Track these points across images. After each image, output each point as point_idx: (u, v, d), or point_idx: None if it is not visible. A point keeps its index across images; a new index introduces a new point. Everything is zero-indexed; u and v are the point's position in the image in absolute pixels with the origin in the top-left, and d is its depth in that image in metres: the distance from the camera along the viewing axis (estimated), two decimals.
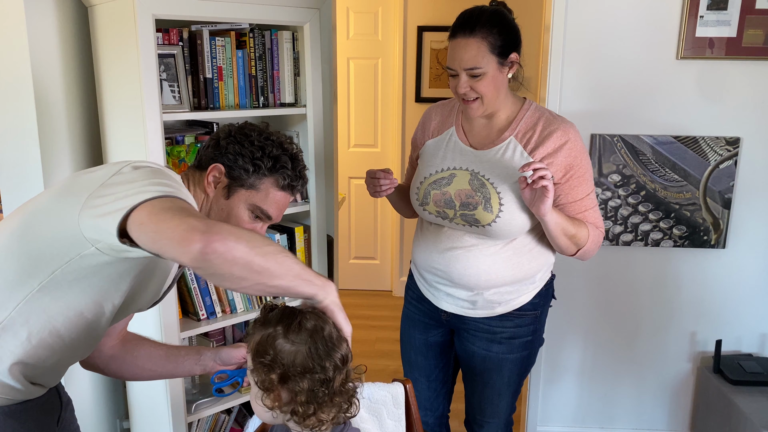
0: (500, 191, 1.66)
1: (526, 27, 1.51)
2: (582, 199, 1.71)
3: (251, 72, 2.08)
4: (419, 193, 1.79)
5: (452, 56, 1.62)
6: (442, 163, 1.76)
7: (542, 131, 1.68)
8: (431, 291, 1.85)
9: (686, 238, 2.50)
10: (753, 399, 2.33)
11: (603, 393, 2.72)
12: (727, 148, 2.41)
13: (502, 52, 1.61)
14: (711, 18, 2.30)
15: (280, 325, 1.08)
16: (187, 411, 2.06)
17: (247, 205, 1.32)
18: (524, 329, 1.80)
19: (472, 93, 1.63)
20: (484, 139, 1.75)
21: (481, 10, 1.62)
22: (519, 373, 1.85)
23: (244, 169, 1.30)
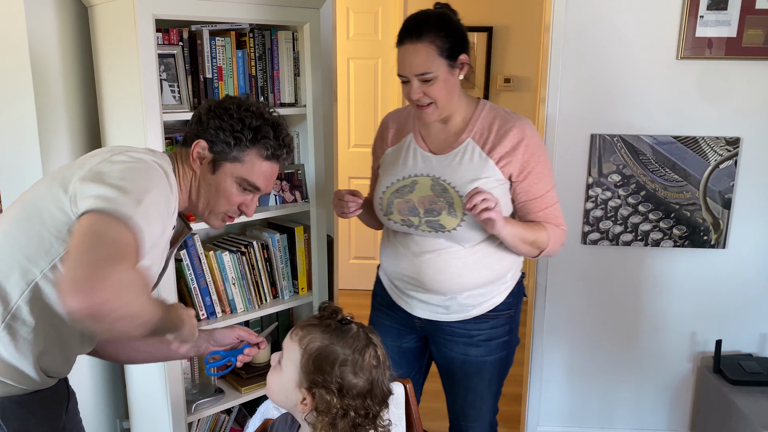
0: (462, 194, 1.65)
1: (526, 27, 1.50)
2: (541, 197, 1.71)
3: (251, 72, 2.07)
4: (382, 202, 1.77)
5: (402, 63, 1.61)
6: (403, 170, 1.75)
7: (498, 130, 1.68)
8: (403, 298, 1.83)
9: (686, 238, 2.50)
10: (753, 399, 2.33)
11: (603, 393, 2.72)
12: (727, 148, 2.41)
13: (450, 54, 1.60)
14: (711, 18, 2.30)
15: (349, 349, 1.11)
16: (187, 411, 2.06)
17: (234, 179, 1.33)
18: (500, 330, 1.79)
19: (425, 98, 1.63)
20: (442, 144, 1.74)
21: (427, 15, 1.62)
22: (499, 374, 1.84)
23: (226, 143, 1.31)
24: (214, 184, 1.33)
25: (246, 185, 1.34)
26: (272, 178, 1.39)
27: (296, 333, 1.15)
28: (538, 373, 2.71)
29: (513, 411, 2.97)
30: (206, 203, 1.36)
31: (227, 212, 1.38)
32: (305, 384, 1.12)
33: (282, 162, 1.39)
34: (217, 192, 1.34)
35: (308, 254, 2.31)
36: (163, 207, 1.20)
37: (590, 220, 2.52)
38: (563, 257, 2.57)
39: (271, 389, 1.19)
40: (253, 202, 1.39)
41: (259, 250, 2.21)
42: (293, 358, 1.13)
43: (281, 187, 2.23)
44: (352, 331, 1.14)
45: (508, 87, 4.10)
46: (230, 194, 1.34)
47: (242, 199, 1.37)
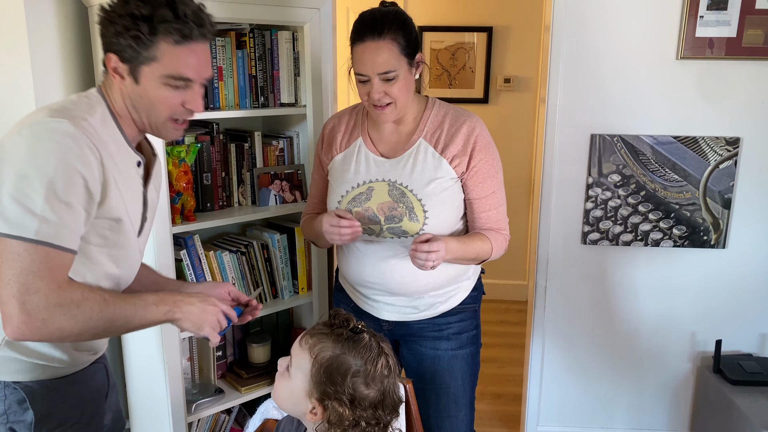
0: (421, 198, 1.63)
1: (526, 27, 1.47)
2: (486, 197, 1.68)
3: (251, 72, 2.08)
4: None
5: (362, 61, 1.56)
6: (356, 177, 1.69)
7: (449, 128, 1.66)
8: (369, 303, 1.78)
9: (686, 238, 2.50)
10: (753, 399, 2.33)
11: (603, 393, 2.72)
12: (727, 148, 2.41)
13: (409, 52, 1.58)
14: (711, 18, 2.30)
15: (361, 359, 1.09)
16: (187, 411, 2.06)
17: (160, 80, 1.22)
18: (468, 323, 1.79)
19: (386, 98, 1.58)
20: (393, 146, 1.70)
21: (385, 12, 1.58)
22: (471, 374, 1.81)
23: (130, 47, 1.19)
24: (143, 93, 1.23)
25: (174, 81, 1.22)
26: (201, 61, 1.25)
27: (306, 341, 1.12)
28: (538, 373, 2.71)
29: (513, 411, 2.97)
30: (147, 116, 1.26)
31: (172, 116, 1.27)
32: (315, 394, 1.10)
33: (202, 37, 1.23)
34: (151, 101, 1.23)
35: (308, 254, 2.31)
36: (77, 170, 1.13)
37: (590, 220, 2.52)
38: (563, 257, 2.58)
39: (279, 396, 1.17)
40: (194, 97, 1.26)
41: (259, 250, 2.21)
42: (303, 366, 1.11)
43: (281, 187, 2.23)
44: (364, 340, 1.11)
45: (508, 87, 4.10)
46: (165, 98, 1.23)
47: (181, 98, 1.25)
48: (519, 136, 4.13)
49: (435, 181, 1.63)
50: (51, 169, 1.11)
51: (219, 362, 2.27)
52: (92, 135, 1.17)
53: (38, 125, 1.14)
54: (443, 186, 1.64)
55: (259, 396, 2.25)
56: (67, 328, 1.12)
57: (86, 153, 1.15)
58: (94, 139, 1.17)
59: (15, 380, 1.24)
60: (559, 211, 2.53)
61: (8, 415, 1.24)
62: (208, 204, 2.10)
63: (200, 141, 2.06)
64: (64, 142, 1.13)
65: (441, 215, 1.65)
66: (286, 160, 2.27)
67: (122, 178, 1.25)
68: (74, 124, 1.15)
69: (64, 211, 1.12)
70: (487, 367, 2.00)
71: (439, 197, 1.63)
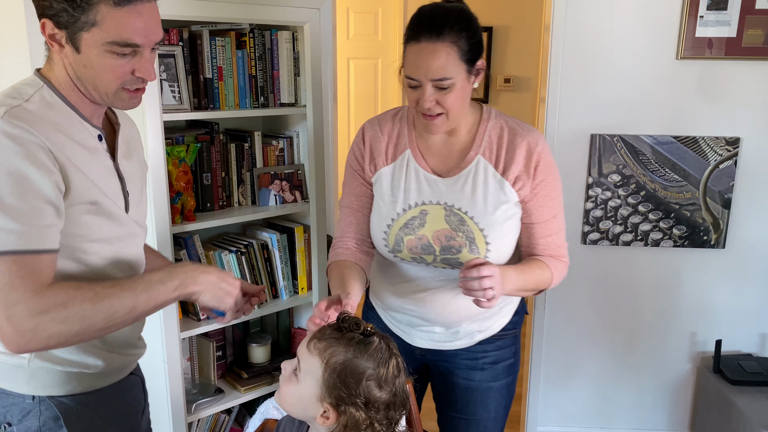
0: (483, 227, 1.45)
1: (525, 27, 1.42)
2: (547, 221, 1.51)
3: (251, 72, 2.08)
4: (388, 239, 1.51)
5: (415, 64, 1.35)
6: (407, 197, 1.49)
7: (509, 144, 1.47)
8: (402, 328, 1.63)
9: (686, 238, 2.50)
10: (753, 399, 2.33)
11: (603, 393, 2.72)
12: (727, 148, 2.41)
13: (470, 58, 1.38)
14: (711, 18, 2.30)
15: (373, 362, 1.09)
16: (187, 411, 2.06)
17: (103, 48, 1.07)
18: (506, 351, 1.63)
19: (437, 107, 1.39)
20: (446, 162, 1.50)
21: (447, 10, 1.38)
22: (505, 406, 1.67)
23: (65, 12, 1.05)
24: (87, 63, 1.09)
25: (119, 49, 1.08)
26: (148, 24, 1.10)
27: (315, 345, 1.11)
28: (538, 373, 2.71)
29: (513, 411, 2.96)
30: (95, 87, 1.13)
31: (123, 86, 1.13)
32: (328, 399, 1.09)
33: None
34: (96, 71, 1.10)
35: (308, 254, 2.31)
36: (19, 168, 1.04)
37: (590, 220, 2.52)
38: None
39: (287, 401, 1.15)
40: (144, 63, 1.12)
41: (259, 250, 2.21)
42: (313, 371, 1.10)
43: (281, 187, 2.23)
44: (375, 343, 1.10)
45: (508, 87, 4.10)
46: (112, 67, 1.09)
47: (129, 66, 1.11)
48: None
49: (500, 207, 1.45)
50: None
51: (219, 362, 2.27)
52: (31, 122, 1.06)
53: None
54: (508, 214, 1.46)
55: (259, 396, 2.25)
56: (61, 332, 1.06)
57: (27, 146, 1.04)
58: (33, 127, 1.05)
59: (50, 394, 1.19)
60: None
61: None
62: (208, 204, 2.10)
63: (200, 141, 2.06)
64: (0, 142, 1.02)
65: (504, 247, 1.48)
66: (286, 160, 2.27)
67: (83, 158, 1.13)
68: (5, 115, 1.04)
69: (19, 214, 1.03)
70: None
71: (503, 227, 1.46)
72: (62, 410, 1.18)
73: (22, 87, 1.13)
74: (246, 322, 2.31)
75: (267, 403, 1.63)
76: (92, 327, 1.08)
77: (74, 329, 1.06)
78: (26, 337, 1.04)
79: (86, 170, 1.13)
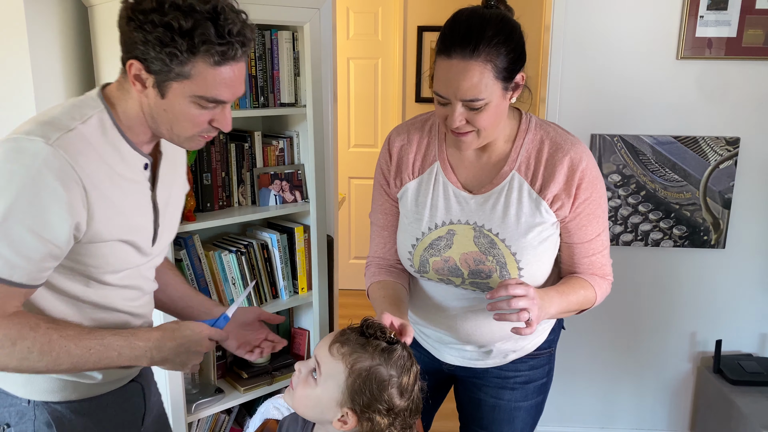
0: (516, 251, 1.33)
1: (525, 27, 1.36)
2: (591, 240, 1.37)
3: (251, 72, 2.07)
4: (413, 260, 1.42)
5: (445, 81, 1.22)
6: (434, 215, 1.38)
7: (549, 159, 1.33)
8: (431, 344, 1.55)
9: (686, 238, 2.50)
10: (753, 399, 2.33)
11: (603, 393, 2.72)
12: (727, 148, 2.41)
13: (508, 75, 1.24)
14: (711, 18, 2.30)
15: (396, 370, 1.08)
16: (187, 411, 2.06)
17: (189, 99, 1.08)
18: (539, 371, 1.54)
19: (467, 126, 1.26)
20: (478, 176, 1.37)
21: (485, 20, 1.22)
22: (532, 425, 1.58)
23: (161, 60, 1.03)
24: (169, 108, 1.09)
25: (205, 102, 1.08)
26: (237, 82, 1.11)
27: (338, 350, 1.09)
28: None
29: None
30: (170, 129, 1.12)
31: (198, 134, 1.14)
32: (349, 404, 1.08)
33: (240, 58, 1.10)
34: (176, 117, 1.10)
35: (308, 254, 2.31)
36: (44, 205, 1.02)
37: None
38: None
39: (302, 403, 1.13)
40: (224, 115, 1.13)
41: (259, 250, 2.21)
42: (336, 375, 1.08)
43: (281, 187, 2.23)
44: (398, 351, 1.10)
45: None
46: (192, 116, 1.09)
47: (209, 116, 1.11)
48: None
49: (534, 229, 1.33)
50: (10, 196, 0.99)
51: (219, 362, 2.27)
52: (78, 153, 1.04)
53: (10, 142, 1.02)
54: (543, 236, 1.34)
55: (259, 396, 2.25)
56: (2, 362, 1.05)
57: (63, 181, 1.02)
58: (78, 160, 1.04)
59: (44, 400, 1.17)
60: None
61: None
62: (208, 204, 2.10)
63: None
64: (33, 167, 1.00)
65: (539, 272, 1.36)
66: (286, 160, 2.27)
67: (121, 192, 1.13)
68: (51, 143, 1.02)
69: (16, 246, 1.01)
70: None
71: (536, 250, 1.34)
72: (55, 417, 1.17)
73: (84, 106, 1.12)
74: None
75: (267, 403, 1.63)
76: (31, 369, 1.07)
77: (14, 364, 1.06)
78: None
79: (121, 205, 1.13)
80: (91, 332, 1.11)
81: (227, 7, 1.06)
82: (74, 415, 1.19)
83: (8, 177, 1.00)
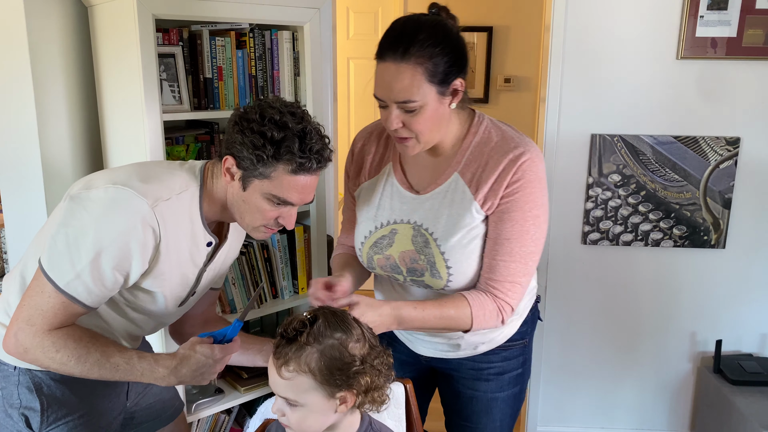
0: (444, 250, 1.36)
1: (526, 27, 1.35)
2: (500, 241, 1.34)
3: (251, 72, 2.07)
4: (362, 256, 1.50)
5: (380, 84, 1.28)
6: (379, 214, 1.44)
7: (490, 160, 1.34)
8: (405, 335, 1.60)
9: (686, 238, 2.50)
10: (753, 399, 2.33)
11: (603, 393, 2.72)
12: (727, 148, 2.41)
13: (443, 79, 1.26)
14: (711, 18, 2.30)
15: (333, 333, 1.13)
16: (187, 411, 2.06)
17: (264, 195, 1.27)
18: (513, 362, 1.56)
19: (404, 130, 1.30)
20: (426, 177, 1.41)
21: (418, 24, 1.26)
22: (511, 414, 1.62)
23: (250, 160, 1.24)
24: (246, 200, 1.29)
25: (277, 201, 1.27)
26: (308, 190, 1.29)
27: (287, 371, 1.12)
28: (538, 373, 2.70)
29: None
30: (242, 217, 1.33)
31: (265, 225, 1.33)
32: (336, 390, 1.13)
33: (317, 172, 1.28)
34: (250, 208, 1.29)
35: (308, 254, 2.31)
36: (131, 251, 1.22)
37: (590, 220, 2.52)
38: (563, 257, 2.57)
39: (311, 427, 1.16)
40: (290, 215, 1.32)
41: (259, 250, 2.21)
42: (307, 386, 1.12)
43: None
44: (318, 325, 1.14)
45: (508, 87, 4.09)
46: (263, 210, 1.29)
47: (277, 213, 1.30)
48: None
49: (461, 231, 1.35)
50: (108, 241, 1.20)
51: None
52: (164, 218, 1.24)
53: (123, 193, 1.22)
54: (473, 234, 1.36)
55: (259, 396, 2.24)
56: (43, 363, 1.24)
57: (147, 236, 1.23)
58: (163, 223, 1.24)
59: (28, 368, 1.32)
60: (559, 211, 2.53)
61: (21, 401, 1.32)
62: None
63: (200, 141, 2.06)
64: (133, 221, 1.21)
65: (468, 271, 1.38)
66: None
67: (179, 258, 1.32)
68: (154, 206, 1.22)
69: (99, 278, 1.22)
70: None
71: (466, 249, 1.36)
72: (35, 383, 1.32)
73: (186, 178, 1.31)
74: (246, 323, 2.31)
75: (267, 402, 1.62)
76: (67, 372, 1.25)
77: (53, 366, 1.24)
78: (18, 349, 1.23)
79: (173, 271, 1.32)
80: (121, 351, 1.28)
81: (314, 130, 1.25)
82: (53, 381, 1.34)
83: (113, 225, 1.21)
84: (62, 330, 1.23)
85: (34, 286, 1.23)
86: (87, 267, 1.20)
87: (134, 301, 1.34)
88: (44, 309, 1.21)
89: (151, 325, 1.46)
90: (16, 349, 1.23)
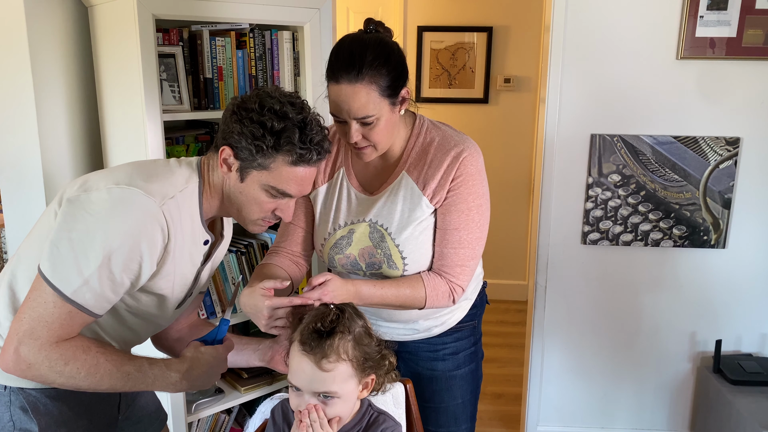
0: (399, 243, 1.48)
1: (526, 27, 1.38)
2: (447, 230, 1.48)
3: (251, 72, 2.07)
4: (323, 256, 1.60)
5: (338, 104, 1.38)
6: (338, 217, 1.55)
7: (434, 157, 1.47)
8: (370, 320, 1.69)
9: (686, 238, 2.50)
10: (753, 399, 2.34)
11: (603, 393, 2.72)
12: (727, 148, 2.41)
13: (393, 92, 1.39)
14: (711, 18, 2.30)
15: (357, 322, 1.23)
16: (187, 411, 2.06)
17: (262, 186, 1.25)
18: (465, 341, 1.68)
19: (364, 141, 1.42)
20: (376, 178, 1.54)
21: (364, 45, 1.38)
22: (472, 391, 1.72)
23: (249, 150, 1.21)
24: (244, 191, 1.26)
25: (275, 192, 1.26)
26: (306, 182, 1.28)
27: (328, 361, 1.16)
28: (538, 373, 2.71)
29: (513, 411, 2.97)
30: (239, 210, 1.30)
31: (262, 218, 1.31)
32: (364, 376, 1.22)
33: (316, 163, 1.27)
34: (248, 200, 1.27)
35: None
36: (141, 252, 1.18)
37: (590, 220, 2.52)
38: (563, 257, 2.57)
39: (345, 416, 1.23)
40: (288, 207, 1.31)
41: (259, 250, 2.21)
42: (346, 375, 1.19)
43: None
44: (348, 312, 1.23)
45: (508, 87, 4.10)
46: (261, 201, 1.27)
47: (275, 205, 1.29)
48: (519, 136, 4.13)
49: (412, 224, 1.48)
50: (117, 242, 1.14)
51: None
52: (172, 217, 1.21)
53: (129, 193, 1.17)
54: (423, 226, 1.49)
55: (259, 396, 2.24)
56: (48, 378, 1.16)
57: (157, 236, 1.18)
58: (171, 222, 1.20)
59: (20, 386, 1.24)
60: (559, 211, 2.53)
61: (15, 423, 1.24)
62: None
63: (200, 141, 2.06)
64: (143, 221, 1.16)
65: (422, 260, 1.51)
66: None
67: (182, 258, 1.28)
68: (162, 204, 1.19)
69: (109, 283, 1.16)
70: (487, 367, 1.99)
71: (418, 240, 1.49)
72: (30, 402, 1.24)
73: (186, 174, 1.27)
74: (246, 322, 2.31)
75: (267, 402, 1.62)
76: (75, 386, 1.18)
77: (60, 381, 1.17)
78: (20, 366, 1.14)
79: (177, 269, 1.28)
80: (131, 359, 1.23)
81: (314, 121, 1.25)
82: (49, 400, 1.26)
83: (122, 225, 1.15)
84: (69, 341, 1.16)
85: (34, 296, 1.14)
86: (95, 273, 1.13)
87: (136, 306, 1.29)
88: (49, 320, 1.13)
89: (149, 332, 1.41)
90: (17, 366, 1.14)
